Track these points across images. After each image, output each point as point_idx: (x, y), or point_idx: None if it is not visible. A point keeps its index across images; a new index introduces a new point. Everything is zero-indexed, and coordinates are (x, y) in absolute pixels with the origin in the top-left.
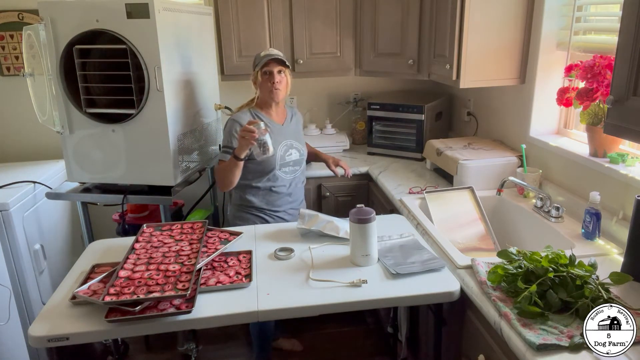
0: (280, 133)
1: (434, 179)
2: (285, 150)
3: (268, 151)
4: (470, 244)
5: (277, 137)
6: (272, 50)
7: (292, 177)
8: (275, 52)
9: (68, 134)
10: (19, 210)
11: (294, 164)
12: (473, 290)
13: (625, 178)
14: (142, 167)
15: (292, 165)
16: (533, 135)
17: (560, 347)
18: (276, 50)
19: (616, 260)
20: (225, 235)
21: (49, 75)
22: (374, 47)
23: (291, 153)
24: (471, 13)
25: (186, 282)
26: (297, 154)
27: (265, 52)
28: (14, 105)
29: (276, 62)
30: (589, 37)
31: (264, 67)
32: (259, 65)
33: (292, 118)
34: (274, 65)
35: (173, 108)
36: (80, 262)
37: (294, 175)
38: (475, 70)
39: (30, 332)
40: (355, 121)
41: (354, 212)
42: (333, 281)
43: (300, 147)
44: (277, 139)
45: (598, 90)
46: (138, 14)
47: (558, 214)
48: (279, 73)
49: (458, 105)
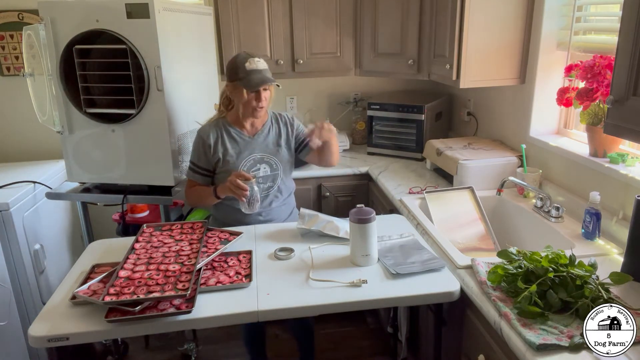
0: (247, 147)
1: (434, 179)
2: (252, 165)
3: (254, 208)
4: (470, 244)
5: (243, 151)
6: (259, 64)
7: (263, 195)
8: (262, 66)
9: (68, 134)
10: (19, 210)
11: (264, 180)
12: (473, 290)
13: (625, 178)
14: (142, 167)
15: (262, 182)
16: (533, 135)
17: (560, 347)
18: (262, 63)
19: (616, 260)
20: (225, 235)
21: (49, 75)
22: (374, 47)
23: (259, 168)
24: (471, 13)
25: (186, 282)
26: (267, 168)
27: (252, 66)
28: (14, 105)
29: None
30: (589, 37)
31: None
32: (247, 86)
33: (271, 128)
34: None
35: (173, 108)
36: (80, 262)
37: (267, 192)
38: (475, 70)
39: (30, 332)
40: (355, 121)
41: (354, 212)
42: (333, 281)
43: (273, 160)
44: (242, 153)
45: (598, 90)
46: (138, 14)
47: (558, 214)
48: (264, 90)
49: (458, 105)
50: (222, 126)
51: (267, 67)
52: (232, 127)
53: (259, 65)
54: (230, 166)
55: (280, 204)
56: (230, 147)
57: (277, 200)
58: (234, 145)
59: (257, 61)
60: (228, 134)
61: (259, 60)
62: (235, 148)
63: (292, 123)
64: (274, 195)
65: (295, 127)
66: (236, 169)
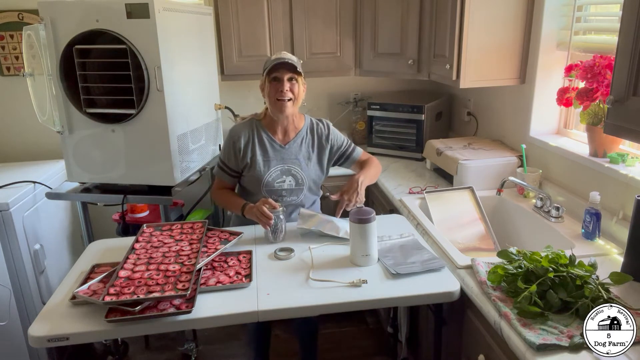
0: (276, 156)
1: (434, 179)
2: (277, 176)
3: (278, 238)
4: (470, 244)
5: (271, 160)
6: (284, 54)
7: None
8: (288, 56)
9: (68, 134)
10: (19, 210)
11: (288, 193)
12: (473, 290)
13: (625, 178)
14: (142, 167)
15: (286, 195)
16: (533, 135)
17: (560, 347)
18: (289, 55)
19: (616, 260)
20: (225, 235)
21: (49, 75)
22: (374, 47)
23: (284, 180)
24: (471, 13)
25: (186, 282)
26: (292, 181)
27: (277, 55)
28: (14, 105)
29: (287, 67)
30: (589, 37)
31: (272, 72)
32: (267, 69)
33: (304, 138)
34: (285, 72)
35: (173, 108)
36: (80, 262)
37: (289, 204)
38: (475, 70)
39: (30, 332)
40: (355, 121)
41: (354, 212)
42: (333, 281)
43: (300, 175)
44: (270, 162)
45: (598, 90)
46: (138, 14)
47: (558, 214)
48: (289, 80)
49: (458, 105)
50: (255, 128)
51: (294, 59)
52: (264, 132)
53: (284, 55)
54: (256, 173)
55: None
56: (259, 154)
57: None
58: (264, 152)
59: (284, 53)
60: (259, 138)
61: (287, 53)
62: (265, 155)
63: (328, 136)
64: (297, 211)
65: (330, 141)
66: (262, 177)
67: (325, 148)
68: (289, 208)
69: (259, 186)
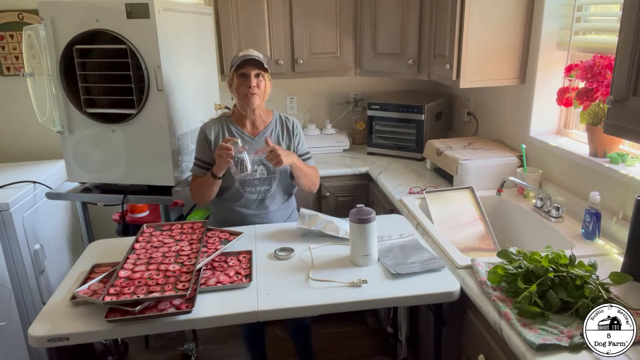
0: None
1: (434, 179)
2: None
3: (246, 169)
4: (470, 244)
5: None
6: (251, 51)
7: (260, 198)
8: (255, 53)
9: (68, 134)
10: (19, 210)
11: (260, 182)
12: (473, 290)
13: (625, 178)
14: (142, 167)
15: (258, 184)
16: (533, 135)
17: (560, 347)
18: (256, 52)
19: (616, 260)
20: (225, 235)
21: (49, 75)
22: (374, 47)
23: (255, 170)
24: (471, 13)
25: (186, 282)
26: (263, 170)
27: (244, 52)
28: (14, 105)
29: (254, 64)
30: (589, 37)
31: (239, 68)
32: (234, 65)
33: (273, 130)
34: (251, 68)
35: (173, 108)
36: (80, 262)
37: (264, 195)
38: (475, 70)
39: (30, 332)
40: (355, 121)
41: (354, 212)
42: (333, 281)
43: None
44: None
45: (598, 90)
46: (138, 14)
47: (558, 214)
48: (256, 77)
49: (458, 105)
50: (225, 123)
51: (261, 56)
52: (234, 125)
53: (251, 52)
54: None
55: (277, 208)
56: None
57: (273, 204)
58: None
59: (252, 51)
60: (229, 131)
61: (254, 51)
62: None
63: (295, 132)
64: (270, 200)
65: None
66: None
67: (293, 140)
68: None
69: (231, 177)
